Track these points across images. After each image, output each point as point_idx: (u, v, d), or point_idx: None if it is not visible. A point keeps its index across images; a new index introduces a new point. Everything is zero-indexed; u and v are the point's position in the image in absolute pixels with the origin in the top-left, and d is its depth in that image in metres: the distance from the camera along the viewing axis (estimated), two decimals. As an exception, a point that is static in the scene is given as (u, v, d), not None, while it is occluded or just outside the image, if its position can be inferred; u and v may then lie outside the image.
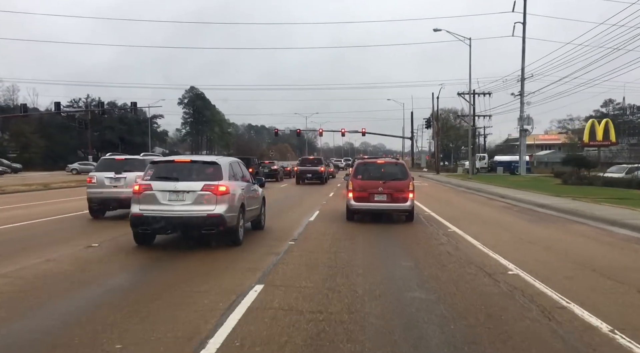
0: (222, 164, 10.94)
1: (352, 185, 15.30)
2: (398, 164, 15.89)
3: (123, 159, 16.14)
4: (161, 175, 10.45)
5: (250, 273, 8.18)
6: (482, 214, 18.09)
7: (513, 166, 56.35)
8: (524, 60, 51.13)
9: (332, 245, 11.49)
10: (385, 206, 15.11)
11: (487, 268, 8.67)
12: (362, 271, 8.49)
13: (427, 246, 11.33)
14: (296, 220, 15.79)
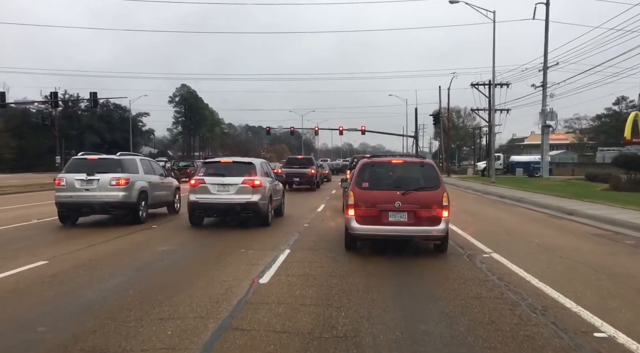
0: (256, 164, 14.15)
1: (353, 198, 9.76)
2: (425, 165, 10.36)
3: (96, 159, 14.40)
4: (211, 172, 13.70)
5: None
6: (554, 244, 12.41)
7: (532, 167, 50.72)
8: (547, 46, 45.63)
9: (315, 318, 6.08)
10: (406, 231, 9.57)
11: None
12: None
13: (493, 314, 5.95)
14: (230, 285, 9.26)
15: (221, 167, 14.10)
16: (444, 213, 9.59)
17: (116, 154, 15.38)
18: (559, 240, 11.44)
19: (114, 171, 13.75)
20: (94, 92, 43.77)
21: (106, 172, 13.68)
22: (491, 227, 13.54)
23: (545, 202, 19.67)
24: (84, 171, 13.68)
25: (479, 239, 11.20)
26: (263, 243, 10.74)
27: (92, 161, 14.09)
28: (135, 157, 15.70)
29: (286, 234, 12.17)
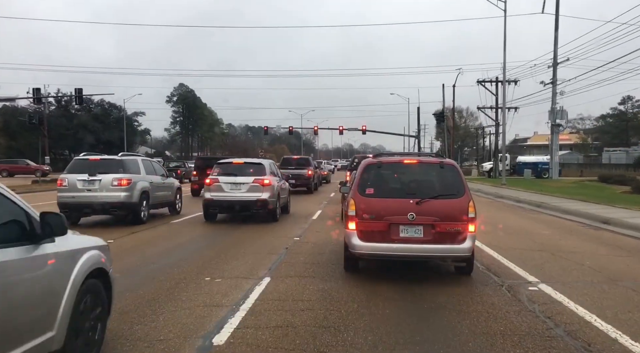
0: (265, 164, 15.50)
1: (354, 207, 7.56)
2: (445, 166, 7.96)
3: (98, 160, 14.50)
4: (224, 172, 14.92)
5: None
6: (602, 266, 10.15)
7: (540, 168, 48.48)
8: (557, 41, 43.42)
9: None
10: (421, 250, 7.39)
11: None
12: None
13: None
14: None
15: (233, 167, 15.30)
16: (469, 227, 7.40)
17: (118, 154, 15.55)
18: (615, 262, 9.12)
19: (115, 172, 13.85)
20: (79, 88, 41.43)
21: (108, 173, 13.75)
22: (522, 241, 11.24)
23: (571, 207, 17.40)
24: (86, 171, 13.74)
25: (514, 260, 8.89)
26: (238, 266, 8.41)
27: (93, 161, 14.16)
28: (137, 157, 15.87)
29: (270, 251, 9.85)
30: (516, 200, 22.57)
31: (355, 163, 24.61)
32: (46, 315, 3.79)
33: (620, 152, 72.50)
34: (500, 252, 9.66)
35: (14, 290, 3.46)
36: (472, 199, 7.55)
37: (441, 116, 57.46)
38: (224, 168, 15.16)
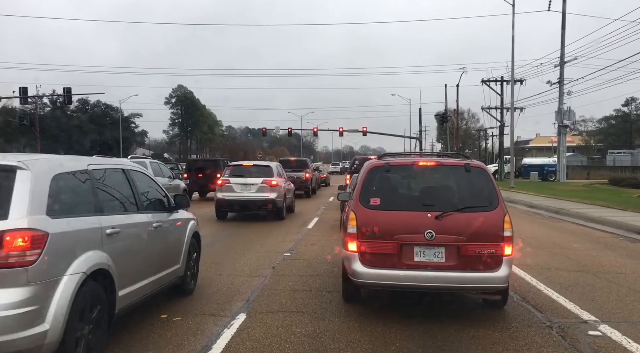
0: (273, 167, 16.71)
1: (355, 222, 5.85)
2: (473, 169, 6.11)
3: None
4: (235, 174, 15.86)
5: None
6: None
7: (546, 171, 46.78)
8: (564, 39, 41.76)
9: None
10: (442, 279, 5.69)
11: None
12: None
13: None
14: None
15: (243, 169, 16.38)
16: (506, 249, 5.67)
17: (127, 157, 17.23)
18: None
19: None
20: (68, 87, 39.69)
21: None
22: (553, 257, 9.46)
23: (595, 214, 15.65)
24: None
25: (554, 286, 7.12)
26: (208, 297, 6.66)
27: None
28: (145, 160, 16.96)
29: (253, 272, 8.09)
30: (529, 205, 20.79)
31: (355, 165, 22.82)
32: (176, 254, 6.39)
33: (624, 154, 70.97)
34: (533, 274, 7.91)
35: (165, 236, 6.12)
36: (508, 212, 5.82)
37: (444, 117, 55.65)
38: (234, 170, 16.33)
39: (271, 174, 15.88)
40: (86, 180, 4.81)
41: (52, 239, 3.95)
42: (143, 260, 5.44)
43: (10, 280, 3.70)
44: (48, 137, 71.01)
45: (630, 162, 63.82)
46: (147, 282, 5.47)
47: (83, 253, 4.27)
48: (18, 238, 3.76)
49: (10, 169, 4.08)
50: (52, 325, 3.82)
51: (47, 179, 4.24)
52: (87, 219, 4.55)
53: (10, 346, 3.62)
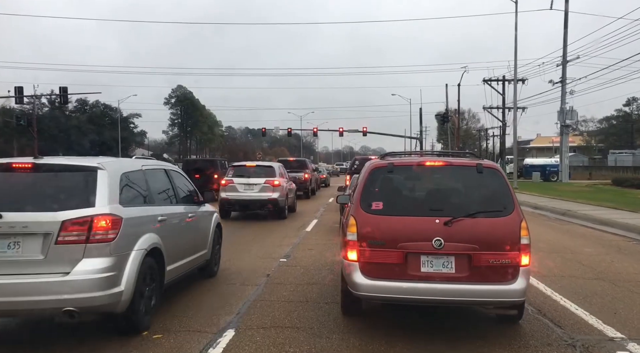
0: (275, 167, 17.08)
1: (355, 228, 5.28)
2: (485, 170, 5.52)
3: None
4: (238, 174, 16.30)
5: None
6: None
7: (548, 171, 46.22)
8: (567, 38, 41.24)
9: None
10: (452, 292, 5.13)
11: None
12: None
13: None
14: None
15: (246, 170, 16.80)
16: (522, 259, 5.12)
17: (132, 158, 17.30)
18: None
19: None
20: (64, 87, 39.17)
21: None
22: (566, 263, 8.88)
23: (604, 216, 15.08)
24: None
25: (571, 297, 6.57)
26: (194, 310, 6.10)
27: None
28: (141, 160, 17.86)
29: (245, 281, 7.53)
30: (534, 206, 20.22)
31: (355, 165, 22.24)
32: (204, 240, 7.55)
33: (626, 154, 70.44)
34: (547, 282, 7.36)
35: (197, 225, 7.31)
36: (524, 218, 5.27)
37: (444, 117, 55.06)
38: (238, 170, 16.71)
39: (273, 174, 16.30)
40: (141, 177, 6.03)
41: (125, 223, 5.08)
42: (181, 243, 6.58)
43: (98, 252, 4.82)
44: (47, 137, 70.40)
45: (632, 163, 63.29)
46: (184, 262, 6.62)
47: (143, 235, 5.43)
48: (102, 221, 4.88)
49: (92, 169, 5.19)
50: (126, 287, 4.96)
51: (117, 177, 5.39)
52: (145, 208, 5.79)
53: (100, 300, 4.75)
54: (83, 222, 4.80)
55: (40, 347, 5.08)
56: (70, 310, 4.61)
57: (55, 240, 4.71)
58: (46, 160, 5.35)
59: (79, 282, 4.68)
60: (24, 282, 4.63)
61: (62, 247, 4.73)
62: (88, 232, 4.79)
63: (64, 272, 4.69)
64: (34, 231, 4.73)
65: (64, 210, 4.82)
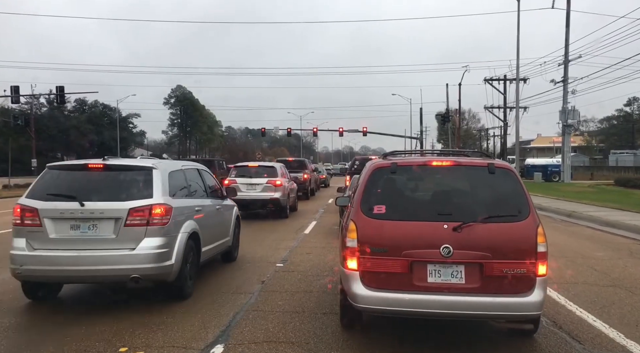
0: (277, 167, 17.39)
1: (355, 234, 4.83)
2: (497, 170, 5.06)
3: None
4: (241, 174, 16.63)
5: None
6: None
7: (550, 171, 45.76)
8: (568, 37, 40.78)
9: None
10: (463, 304, 4.67)
11: None
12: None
13: None
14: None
15: (249, 170, 17.12)
16: (539, 268, 4.67)
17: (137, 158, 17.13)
18: None
19: None
20: (61, 86, 38.70)
21: None
22: (579, 269, 8.41)
23: (611, 218, 14.62)
24: None
25: (588, 307, 6.11)
26: (182, 321, 5.65)
27: None
28: None
29: (238, 289, 7.09)
30: (538, 207, 19.51)
31: (355, 165, 21.77)
32: (227, 229, 8.78)
33: (627, 155, 70.05)
34: (560, 291, 6.90)
35: (222, 216, 8.56)
36: (541, 223, 4.81)
37: (445, 117, 54.63)
38: (240, 170, 17.07)
39: (275, 174, 16.65)
40: (182, 175, 7.33)
41: (174, 211, 6.37)
42: (212, 230, 7.77)
43: (156, 233, 6.10)
44: (45, 137, 69.91)
45: (634, 163, 62.91)
46: (214, 246, 7.92)
47: (186, 221, 6.70)
48: (158, 209, 6.13)
49: (149, 168, 6.51)
50: (175, 261, 6.26)
51: (167, 174, 6.66)
52: (186, 200, 7.06)
53: (157, 270, 6.03)
54: (144, 209, 6.09)
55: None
56: (136, 277, 5.90)
57: (124, 223, 6.01)
58: (112, 161, 6.62)
59: (142, 256, 5.97)
60: (101, 255, 5.95)
61: (129, 228, 6.02)
62: (148, 217, 6.08)
63: (130, 248, 5.99)
64: (108, 216, 6.04)
65: (130, 200, 6.13)
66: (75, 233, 6.01)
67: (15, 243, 6.07)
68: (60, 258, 5.91)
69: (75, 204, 6.01)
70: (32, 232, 6.01)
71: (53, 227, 6.01)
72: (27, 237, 6.02)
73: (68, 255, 5.92)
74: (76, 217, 6.00)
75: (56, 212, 6.03)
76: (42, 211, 6.02)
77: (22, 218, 6.09)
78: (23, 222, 6.08)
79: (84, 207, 5.98)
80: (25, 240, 6.02)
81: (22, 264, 5.96)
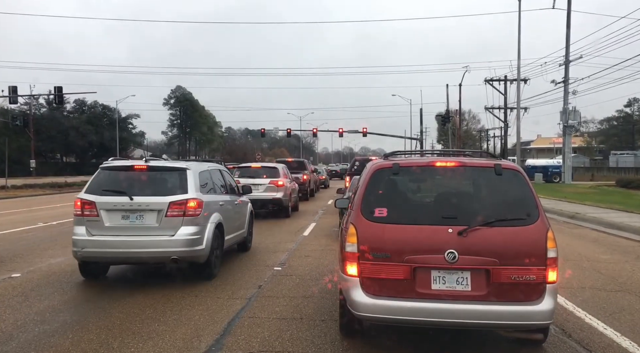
0: (279, 168, 17.82)
1: (355, 238, 4.60)
2: (505, 172, 4.85)
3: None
4: (244, 175, 16.90)
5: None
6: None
7: (551, 172, 45.54)
8: (569, 38, 40.56)
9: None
10: (469, 313, 4.42)
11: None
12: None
13: None
14: None
15: (252, 170, 17.59)
16: (549, 275, 4.44)
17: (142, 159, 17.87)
18: None
19: None
20: (59, 86, 38.40)
21: None
22: (584, 273, 8.18)
23: (615, 220, 14.39)
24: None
25: (597, 313, 5.89)
26: (175, 328, 5.38)
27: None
28: None
29: (234, 294, 6.85)
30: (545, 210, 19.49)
31: (355, 166, 21.52)
32: (243, 222, 9.86)
33: (628, 155, 69.82)
34: (567, 295, 6.66)
35: (240, 210, 9.70)
36: (550, 227, 4.58)
37: (445, 118, 54.39)
38: (243, 171, 17.63)
39: (277, 174, 17.15)
40: (208, 175, 8.48)
41: (204, 205, 7.53)
42: (232, 222, 8.94)
43: (190, 222, 7.28)
44: (44, 138, 69.65)
45: (634, 164, 62.67)
46: (234, 235, 9.08)
47: (213, 213, 7.88)
48: (192, 203, 7.28)
49: (184, 169, 7.66)
50: (205, 246, 7.44)
51: (197, 174, 7.85)
52: (212, 196, 8.21)
53: (191, 253, 7.23)
54: (181, 203, 7.26)
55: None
56: (175, 259, 7.17)
57: (165, 214, 7.20)
58: (153, 163, 7.84)
59: (180, 241, 7.17)
60: (147, 240, 7.15)
61: (169, 218, 7.20)
62: (184, 209, 7.24)
63: (170, 234, 7.19)
64: (152, 208, 7.22)
65: (169, 195, 7.32)
66: (126, 222, 7.20)
67: (76, 230, 7.29)
68: (114, 243, 7.15)
69: (125, 198, 7.19)
70: (90, 220, 7.22)
71: (107, 217, 7.22)
72: (87, 225, 7.25)
73: (120, 240, 7.15)
74: (126, 209, 7.20)
75: (110, 204, 7.22)
76: (98, 204, 7.23)
77: (82, 210, 7.30)
78: (83, 213, 7.29)
79: (132, 201, 7.17)
80: (85, 227, 7.24)
81: (83, 247, 7.18)
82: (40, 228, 14.16)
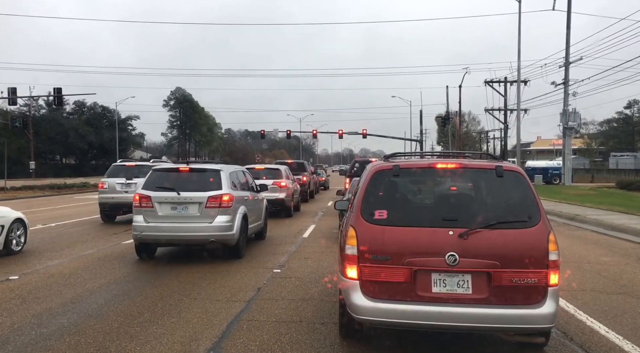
0: (282, 169, 18.72)
1: (355, 241, 4.55)
2: (506, 173, 4.78)
3: (134, 166, 17.28)
4: None
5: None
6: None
7: (551, 174, 45.48)
8: (569, 39, 40.53)
9: None
10: (470, 316, 4.38)
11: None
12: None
13: None
14: None
15: (256, 171, 17.67)
16: (551, 277, 4.39)
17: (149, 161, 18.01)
18: None
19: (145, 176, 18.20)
20: (58, 87, 38.33)
21: (141, 177, 15.48)
22: (586, 275, 8.14)
23: (615, 222, 14.35)
24: (122, 176, 16.39)
25: (599, 316, 5.84)
26: (172, 331, 5.33)
27: (129, 167, 17.00)
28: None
29: (233, 296, 6.78)
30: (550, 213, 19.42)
31: (355, 168, 21.44)
32: (260, 215, 11.65)
33: (628, 157, 69.79)
34: (568, 299, 6.61)
35: (258, 204, 11.59)
36: (552, 230, 4.53)
37: (445, 119, 54.37)
38: None
39: (280, 176, 17.94)
40: (235, 175, 10.41)
41: (235, 199, 9.33)
42: (253, 214, 10.59)
43: (224, 212, 9.10)
44: (44, 139, 69.58)
45: (634, 165, 62.60)
46: (254, 225, 10.73)
47: (240, 206, 9.63)
48: (226, 197, 9.11)
49: (218, 170, 9.53)
50: (236, 231, 9.27)
51: (228, 174, 9.78)
52: (239, 192, 9.96)
53: (225, 237, 9.15)
54: (217, 197, 9.07)
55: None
56: (213, 241, 9.00)
57: (205, 205, 9.00)
58: (193, 165, 9.94)
59: (217, 227, 8.98)
60: (191, 225, 9.03)
61: (207, 209, 9.00)
62: (220, 202, 9.04)
63: (209, 222, 9.01)
64: (194, 201, 9.04)
65: (207, 191, 9.11)
66: (174, 212, 9.07)
67: (136, 218, 9.21)
68: (165, 228, 9.04)
69: (174, 193, 9.06)
70: (147, 211, 9.10)
71: (160, 208, 9.11)
72: (144, 214, 9.11)
73: (170, 225, 9.04)
74: (174, 202, 9.07)
75: (162, 198, 9.10)
76: (154, 198, 9.12)
77: (140, 203, 9.15)
78: (141, 205, 9.15)
79: (179, 195, 9.04)
80: (142, 216, 9.11)
81: (142, 232, 9.08)
82: (39, 230, 14.10)
